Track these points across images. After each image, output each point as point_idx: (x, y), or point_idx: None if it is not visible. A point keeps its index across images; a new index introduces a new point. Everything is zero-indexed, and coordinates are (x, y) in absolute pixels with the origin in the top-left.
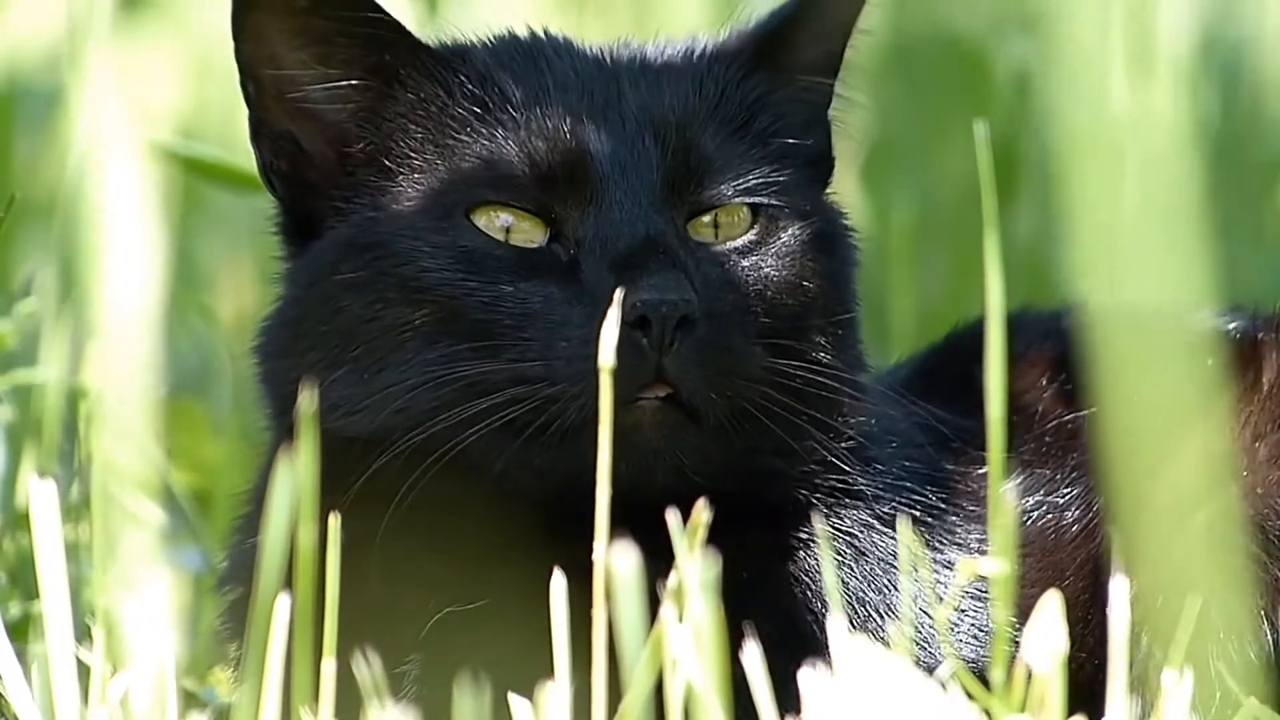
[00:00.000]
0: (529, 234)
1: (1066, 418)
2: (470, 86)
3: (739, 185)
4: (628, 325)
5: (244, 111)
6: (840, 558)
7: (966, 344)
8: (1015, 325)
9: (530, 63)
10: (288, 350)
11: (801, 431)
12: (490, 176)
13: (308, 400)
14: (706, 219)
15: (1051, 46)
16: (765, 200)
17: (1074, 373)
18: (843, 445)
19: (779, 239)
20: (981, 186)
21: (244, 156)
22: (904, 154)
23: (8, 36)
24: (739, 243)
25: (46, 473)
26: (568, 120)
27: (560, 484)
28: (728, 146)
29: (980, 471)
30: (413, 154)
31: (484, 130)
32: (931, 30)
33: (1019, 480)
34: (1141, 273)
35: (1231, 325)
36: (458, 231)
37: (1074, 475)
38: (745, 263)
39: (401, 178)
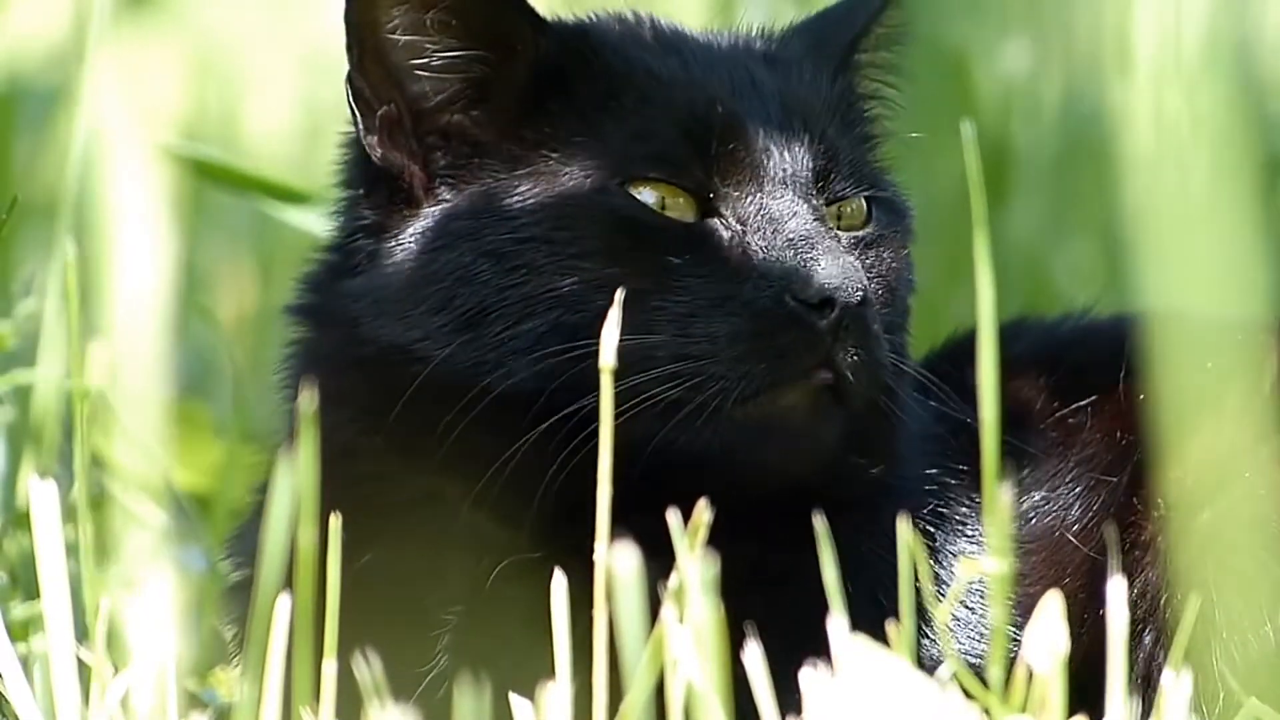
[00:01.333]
0: (682, 211)
1: (1067, 413)
2: (606, 61)
3: (860, 176)
4: (808, 306)
5: (244, 113)
6: (875, 553)
7: (965, 349)
8: (1014, 332)
9: (657, 41)
10: (397, 314)
11: (894, 424)
12: (646, 151)
13: (308, 399)
14: (836, 208)
15: (1056, 48)
16: (881, 194)
17: (1075, 372)
18: (895, 440)
19: (891, 234)
20: (970, 187)
21: (244, 158)
22: (898, 153)
23: (8, 36)
24: (861, 234)
25: (47, 473)
26: (720, 98)
27: (697, 464)
28: (842, 138)
29: None
30: (556, 124)
31: (630, 105)
32: (924, 30)
33: (1022, 477)
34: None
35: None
36: (617, 202)
37: (1076, 472)
38: (871, 254)
39: (543, 148)
